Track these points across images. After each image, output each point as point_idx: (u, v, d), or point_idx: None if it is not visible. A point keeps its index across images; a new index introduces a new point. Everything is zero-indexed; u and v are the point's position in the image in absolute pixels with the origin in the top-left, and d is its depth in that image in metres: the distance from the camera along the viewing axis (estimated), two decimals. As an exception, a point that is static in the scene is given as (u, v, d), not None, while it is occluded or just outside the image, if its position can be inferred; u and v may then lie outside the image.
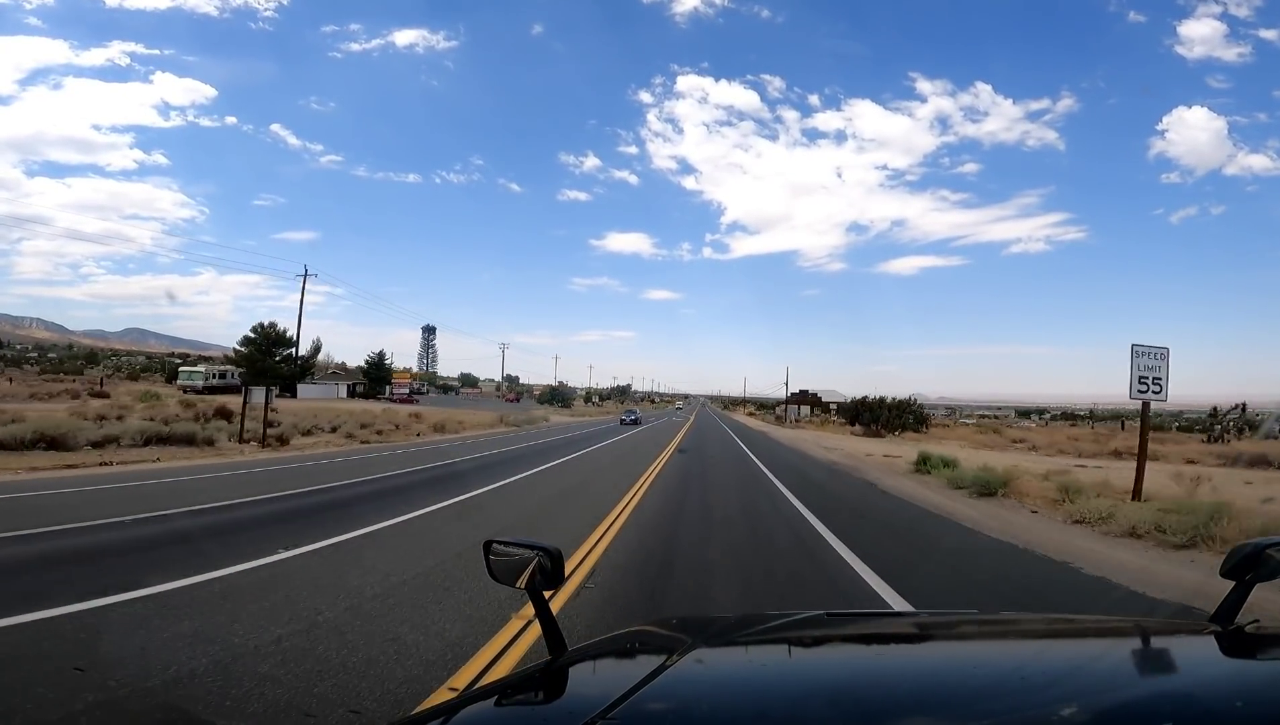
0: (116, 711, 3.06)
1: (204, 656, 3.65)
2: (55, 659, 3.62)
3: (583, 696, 1.06)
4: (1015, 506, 11.41)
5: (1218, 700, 0.95)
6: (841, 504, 11.57)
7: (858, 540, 7.74)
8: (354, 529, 7.66)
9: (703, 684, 1.12)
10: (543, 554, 1.37)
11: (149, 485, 11.40)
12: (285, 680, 3.40)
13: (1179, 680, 1.08)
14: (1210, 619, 1.33)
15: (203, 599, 4.81)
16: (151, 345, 75.57)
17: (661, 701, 0.97)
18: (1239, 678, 1.11)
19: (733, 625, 1.55)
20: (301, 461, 16.79)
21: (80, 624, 4.18)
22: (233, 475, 13.41)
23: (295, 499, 10.38)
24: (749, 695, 1.04)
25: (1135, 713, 0.90)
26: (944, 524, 9.77)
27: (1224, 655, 1.23)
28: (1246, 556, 1.32)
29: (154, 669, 3.47)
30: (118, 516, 8.13)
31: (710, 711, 1.00)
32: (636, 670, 1.10)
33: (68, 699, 3.11)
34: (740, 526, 9.04)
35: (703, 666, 1.17)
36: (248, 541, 6.75)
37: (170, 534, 7.42)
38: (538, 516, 9.62)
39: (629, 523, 8.63)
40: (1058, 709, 0.87)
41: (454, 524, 8.53)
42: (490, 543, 1.45)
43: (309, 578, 5.55)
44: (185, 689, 3.27)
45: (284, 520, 8.41)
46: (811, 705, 0.99)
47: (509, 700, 1.07)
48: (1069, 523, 9.66)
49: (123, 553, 6.34)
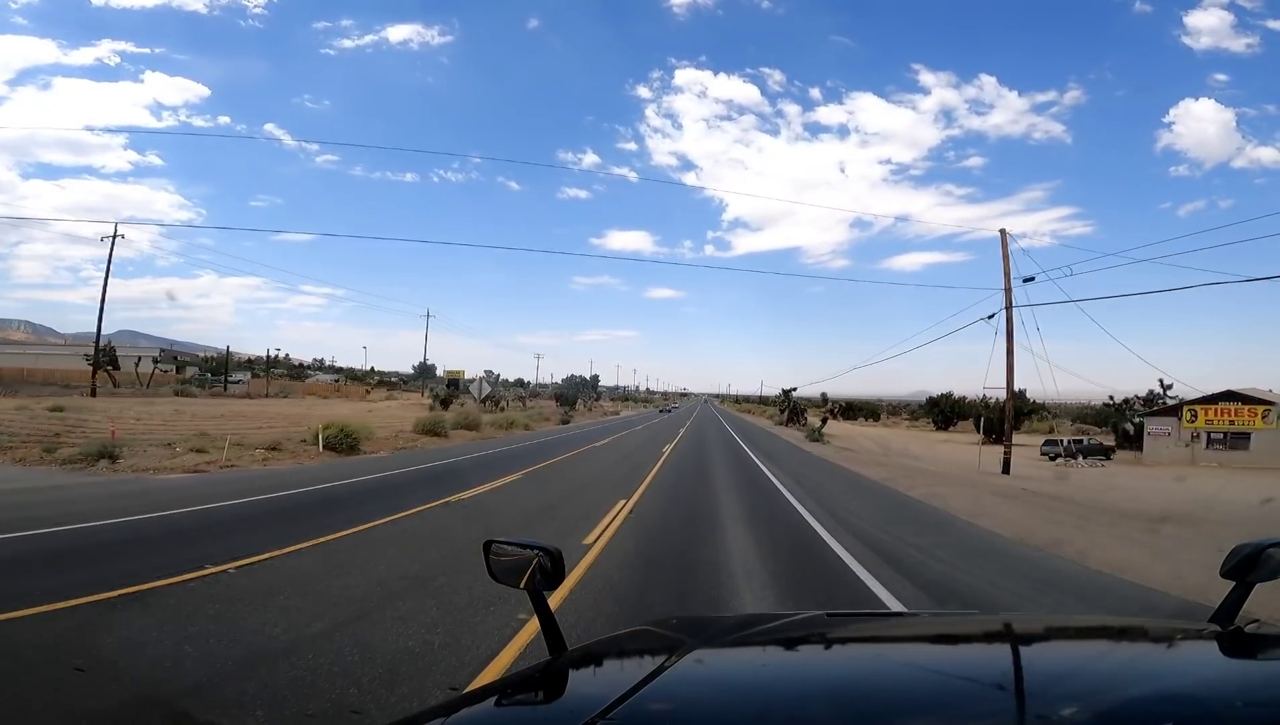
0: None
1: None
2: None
3: (583, 696, 1.06)
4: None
5: (1218, 700, 0.95)
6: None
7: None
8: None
9: (703, 684, 1.12)
10: (543, 554, 1.37)
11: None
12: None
13: (1179, 680, 1.08)
14: (1210, 619, 1.33)
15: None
16: (142, 346, 75.14)
17: (661, 702, 0.97)
18: (1239, 678, 1.11)
19: (733, 625, 1.55)
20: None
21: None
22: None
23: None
24: (749, 695, 1.05)
25: (1135, 713, 0.90)
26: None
27: (1224, 655, 1.23)
28: (1246, 557, 1.32)
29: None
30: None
31: (710, 712, 1.00)
32: (636, 670, 1.10)
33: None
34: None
35: (703, 667, 1.17)
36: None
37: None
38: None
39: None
40: (1058, 709, 0.87)
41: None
42: (490, 543, 1.45)
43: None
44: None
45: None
46: (811, 705, 0.99)
47: (509, 700, 1.07)
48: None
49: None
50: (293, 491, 10.88)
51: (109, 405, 28.46)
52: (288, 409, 36.11)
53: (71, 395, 33.93)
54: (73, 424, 19.70)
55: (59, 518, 7.68)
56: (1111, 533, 9.40)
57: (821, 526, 9.00)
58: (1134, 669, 1.21)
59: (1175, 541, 8.73)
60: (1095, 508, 12.48)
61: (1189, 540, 8.74)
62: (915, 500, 12.66)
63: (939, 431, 63.20)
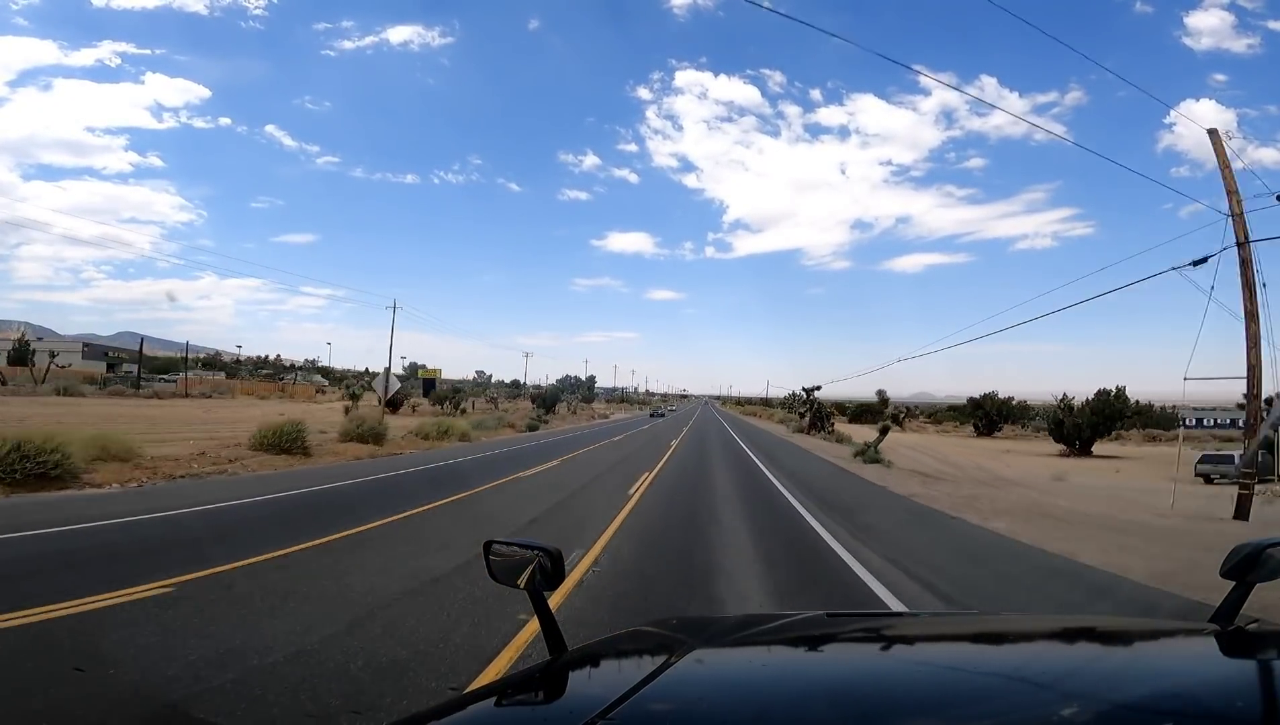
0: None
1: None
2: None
3: (583, 696, 1.06)
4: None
5: (1218, 700, 0.95)
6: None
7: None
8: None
9: (703, 684, 1.12)
10: (543, 554, 1.37)
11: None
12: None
13: (1179, 680, 1.08)
14: (1210, 619, 1.33)
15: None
16: (150, 349, 73.88)
17: (661, 702, 0.97)
18: (1239, 678, 1.11)
19: (733, 625, 1.56)
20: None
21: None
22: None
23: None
24: (749, 696, 1.05)
25: (1136, 713, 0.90)
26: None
27: (1224, 655, 1.23)
28: (1246, 557, 1.32)
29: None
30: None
31: (710, 712, 1.00)
32: (636, 670, 1.10)
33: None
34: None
35: (703, 667, 1.17)
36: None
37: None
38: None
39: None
40: (1058, 709, 0.87)
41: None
42: (490, 543, 1.45)
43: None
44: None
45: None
46: (812, 706, 0.99)
47: (509, 700, 1.07)
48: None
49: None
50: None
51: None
52: (187, 412, 31.12)
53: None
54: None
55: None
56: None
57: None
58: (1134, 669, 1.21)
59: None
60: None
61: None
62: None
63: (982, 438, 56.13)
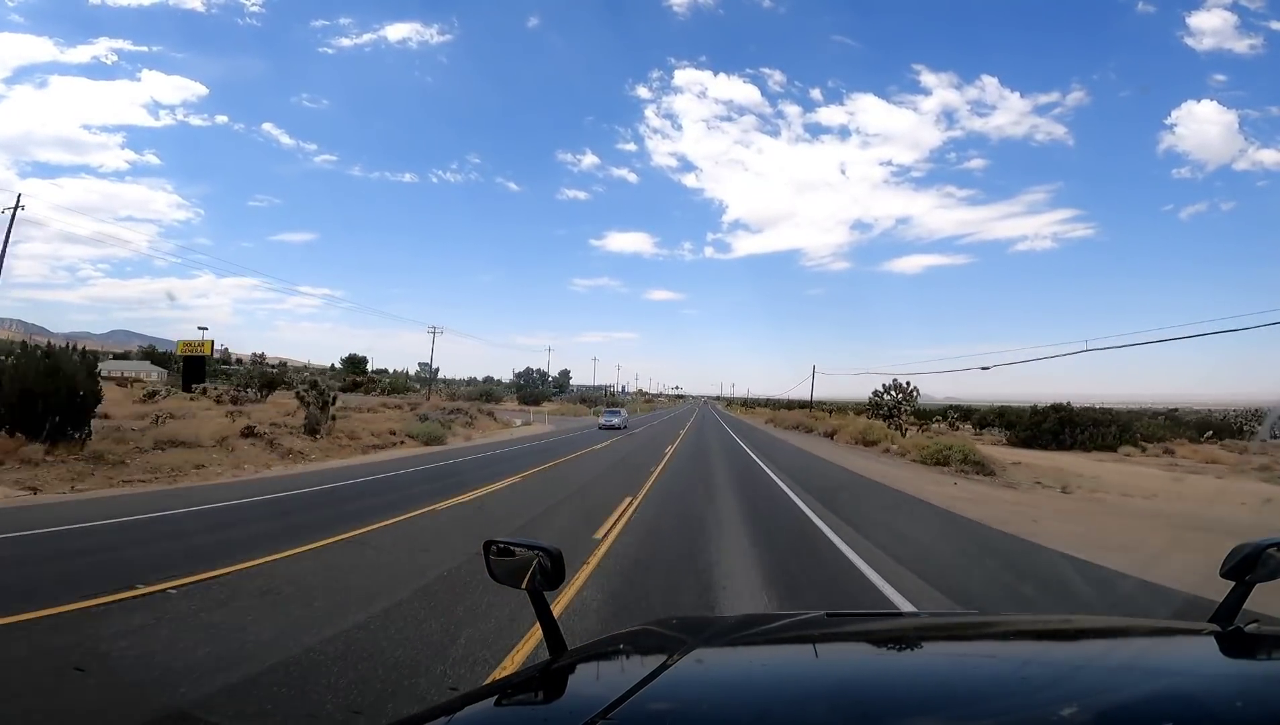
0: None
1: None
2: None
3: (583, 696, 1.05)
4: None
5: (1218, 700, 0.95)
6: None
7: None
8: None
9: (703, 684, 1.12)
10: (543, 554, 1.36)
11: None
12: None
13: (1179, 680, 1.08)
14: (1210, 619, 1.33)
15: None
16: (135, 346, 73.17)
17: (661, 702, 0.97)
18: (1239, 678, 1.11)
19: (733, 625, 1.55)
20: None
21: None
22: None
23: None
24: (749, 696, 1.04)
25: (1135, 713, 0.90)
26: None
27: (1224, 655, 1.23)
28: (1246, 557, 1.32)
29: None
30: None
31: (710, 712, 0.99)
32: (636, 670, 1.10)
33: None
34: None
35: (703, 667, 1.17)
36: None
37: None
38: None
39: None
40: (1058, 709, 0.87)
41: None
42: (490, 543, 1.45)
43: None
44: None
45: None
46: (812, 706, 0.99)
47: (509, 700, 1.07)
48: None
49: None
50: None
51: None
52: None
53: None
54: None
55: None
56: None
57: None
58: (1134, 669, 1.21)
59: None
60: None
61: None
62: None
63: (1050, 451, 44.25)
